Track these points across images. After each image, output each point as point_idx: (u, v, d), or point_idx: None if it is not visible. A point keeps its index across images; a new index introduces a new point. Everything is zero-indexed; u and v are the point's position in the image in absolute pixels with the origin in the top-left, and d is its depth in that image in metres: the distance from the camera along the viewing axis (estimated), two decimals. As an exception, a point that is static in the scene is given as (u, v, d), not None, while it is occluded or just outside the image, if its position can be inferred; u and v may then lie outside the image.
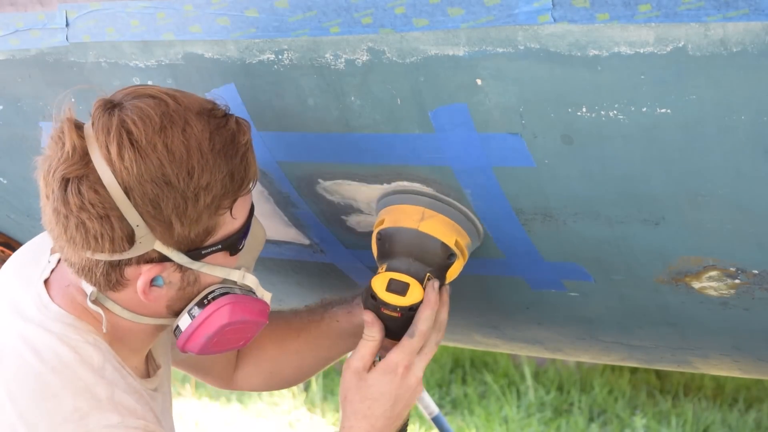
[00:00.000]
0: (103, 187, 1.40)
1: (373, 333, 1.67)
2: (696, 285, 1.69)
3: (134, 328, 1.55)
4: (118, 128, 1.41)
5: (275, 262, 2.12)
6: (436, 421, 3.26)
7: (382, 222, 1.73)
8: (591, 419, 4.51)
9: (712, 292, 1.70)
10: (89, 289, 1.50)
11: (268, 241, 2.04)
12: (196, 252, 1.48)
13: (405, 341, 1.66)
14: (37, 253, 1.64)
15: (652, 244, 1.62)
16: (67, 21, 1.70)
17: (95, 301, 1.52)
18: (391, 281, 1.67)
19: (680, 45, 1.29)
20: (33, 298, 1.56)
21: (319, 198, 1.82)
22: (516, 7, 1.35)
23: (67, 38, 1.71)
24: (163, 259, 1.46)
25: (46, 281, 1.57)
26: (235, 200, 1.48)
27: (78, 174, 1.41)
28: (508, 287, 1.91)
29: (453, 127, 1.53)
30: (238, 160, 1.46)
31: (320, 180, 1.77)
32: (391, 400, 1.64)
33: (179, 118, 1.43)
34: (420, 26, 1.42)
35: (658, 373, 4.74)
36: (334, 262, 2.06)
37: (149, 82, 1.70)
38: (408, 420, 1.71)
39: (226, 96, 1.65)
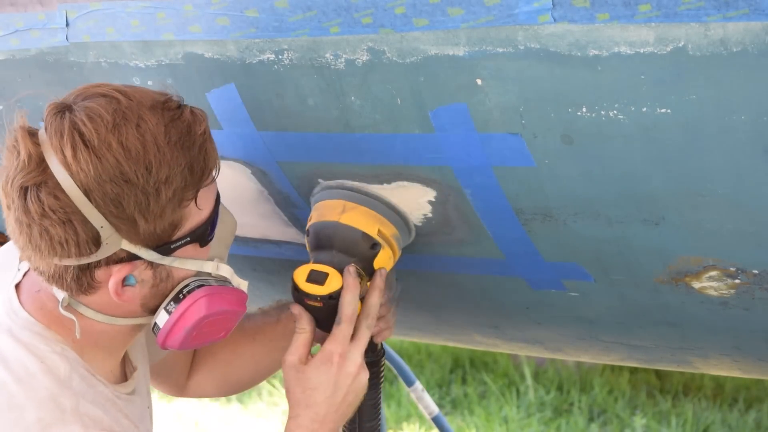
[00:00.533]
0: (63, 191, 1.39)
1: (302, 325, 1.68)
2: (696, 285, 1.69)
3: (109, 330, 1.53)
4: (70, 130, 1.39)
5: (275, 262, 2.12)
6: (436, 421, 3.26)
7: (311, 218, 1.76)
8: (591, 419, 4.51)
9: (712, 292, 1.70)
10: (60, 295, 1.49)
11: (268, 241, 2.04)
12: (164, 247, 1.47)
13: (335, 329, 1.67)
14: (10, 258, 1.62)
15: (652, 244, 1.62)
16: (67, 21, 1.70)
17: (67, 307, 1.50)
18: (311, 272, 1.69)
19: (680, 45, 1.29)
20: (3, 303, 1.54)
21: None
22: (516, 7, 1.35)
23: (67, 38, 1.71)
24: (132, 257, 1.45)
25: (17, 286, 1.56)
26: (197, 191, 1.46)
27: (36, 181, 1.40)
28: (508, 287, 1.91)
29: (453, 127, 1.53)
30: (196, 150, 1.45)
31: (320, 180, 1.77)
32: (331, 387, 1.64)
33: (132, 114, 1.41)
34: (420, 26, 1.42)
35: (658, 373, 4.74)
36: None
37: (149, 83, 1.70)
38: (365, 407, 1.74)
39: (226, 96, 1.65)
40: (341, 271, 1.69)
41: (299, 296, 1.69)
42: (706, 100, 1.34)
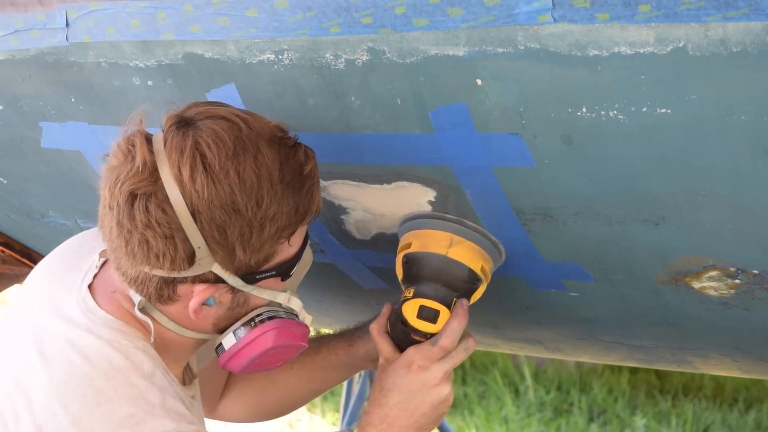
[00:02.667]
0: (171, 206, 1.40)
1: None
2: (696, 285, 1.69)
3: (178, 339, 1.55)
4: (192, 150, 1.40)
5: (275, 262, 2.12)
6: (436, 421, 3.25)
7: (409, 245, 1.75)
8: (591, 419, 4.51)
9: (712, 292, 1.70)
10: (137, 298, 1.50)
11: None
12: (251, 276, 1.48)
13: (425, 345, 1.68)
14: (75, 259, 1.63)
15: (652, 244, 1.62)
16: (67, 21, 1.70)
17: (142, 310, 1.51)
18: (422, 308, 1.70)
19: (680, 45, 1.29)
20: (78, 303, 1.54)
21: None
22: (516, 7, 1.35)
23: (67, 38, 1.71)
24: (218, 280, 1.46)
25: (89, 286, 1.56)
26: (295, 230, 1.48)
27: (147, 191, 1.40)
28: (508, 287, 1.91)
29: (453, 127, 1.53)
30: (305, 192, 1.47)
31: (320, 180, 1.77)
32: (404, 393, 1.65)
33: (251, 145, 1.42)
34: (420, 26, 1.42)
35: (658, 373, 4.75)
36: (335, 262, 2.06)
37: (149, 83, 1.70)
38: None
39: (226, 96, 1.65)
40: (447, 306, 1.70)
41: (406, 330, 1.70)
42: (706, 100, 1.34)
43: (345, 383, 3.77)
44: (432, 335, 1.69)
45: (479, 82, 1.44)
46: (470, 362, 5.00)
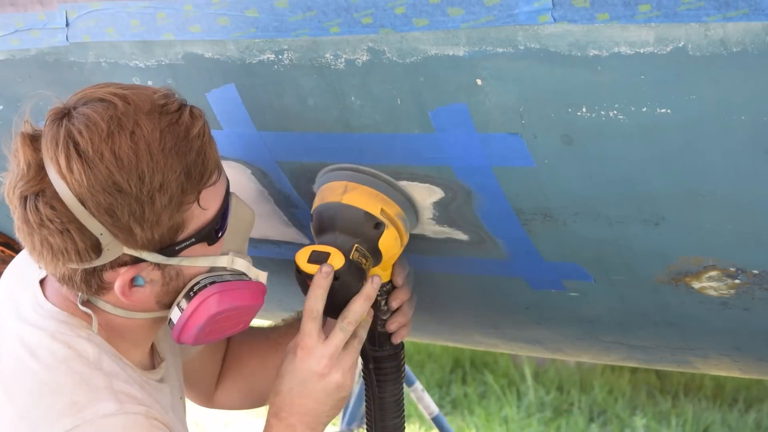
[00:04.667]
0: (60, 201, 1.39)
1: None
2: (696, 285, 1.69)
3: (130, 324, 1.55)
4: (65, 140, 1.39)
5: (275, 262, 2.12)
6: (436, 421, 3.26)
7: (314, 204, 1.73)
8: (591, 419, 4.51)
9: (712, 292, 1.70)
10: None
11: (268, 241, 2.04)
12: (169, 249, 1.46)
13: (303, 322, 1.62)
14: None
15: (652, 244, 1.62)
16: (67, 21, 1.70)
17: (86, 303, 1.51)
18: (313, 252, 1.66)
19: (680, 45, 1.29)
20: (29, 299, 1.56)
21: (319, 198, 1.82)
22: (516, 7, 1.35)
23: (67, 38, 1.71)
24: (136, 260, 1.45)
25: (42, 281, 1.58)
26: (199, 193, 1.45)
27: (34, 190, 1.40)
28: (508, 287, 1.91)
29: (453, 127, 1.53)
30: (194, 154, 1.44)
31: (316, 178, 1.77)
32: (294, 379, 1.61)
33: (128, 121, 1.40)
34: (420, 26, 1.42)
35: (658, 373, 4.75)
36: (334, 262, 2.05)
37: (149, 83, 1.70)
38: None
39: (226, 96, 1.65)
40: (345, 252, 1.65)
41: (301, 278, 1.66)
42: (706, 100, 1.34)
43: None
44: None
45: (479, 82, 1.44)
46: (470, 362, 5.00)
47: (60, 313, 1.53)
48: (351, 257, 1.66)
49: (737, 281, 1.64)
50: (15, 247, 2.51)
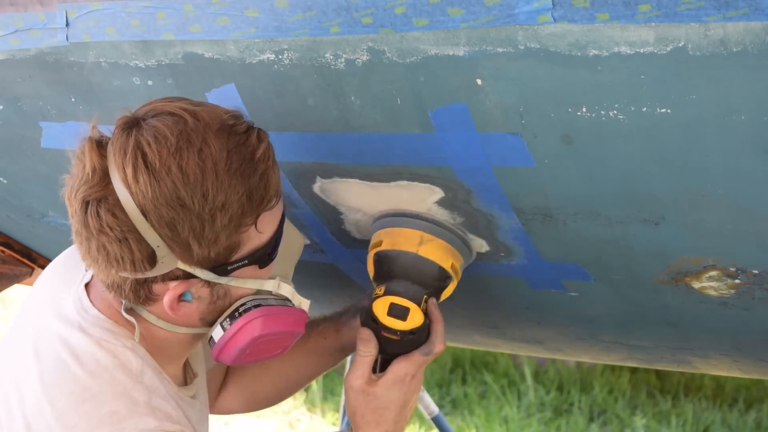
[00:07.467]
0: (122, 209, 1.39)
1: (369, 349, 1.71)
2: (696, 285, 1.69)
3: (171, 337, 1.55)
4: (133, 150, 1.39)
5: (275, 262, 2.12)
6: (436, 421, 3.26)
7: (380, 243, 1.76)
8: (591, 419, 4.51)
9: (712, 292, 1.70)
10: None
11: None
12: (222, 268, 1.47)
13: (417, 356, 1.70)
14: (77, 257, 1.63)
15: (652, 244, 1.62)
16: (67, 21, 1.70)
17: (130, 311, 1.52)
18: (392, 306, 1.71)
19: (680, 45, 1.29)
20: (74, 302, 1.56)
21: (318, 198, 1.82)
22: (516, 7, 1.35)
23: (67, 38, 1.71)
24: (188, 276, 1.45)
25: (87, 285, 1.58)
26: (257, 216, 1.46)
27: (97, 196, 1.40)
28: (508, 287, 1.91)
29: (453, 127, 1.53)
30: (257, 178, 1.44)
31: (319, 178, 1.77)
32: (401, 405, 1.69)
33: (197, 138, 1.41)
34: (420, 26, 1.42)
35: (658, 373, 4.75)
36: (334, 262, 2.06)
37: (149, 83, 1.70)
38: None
39: (226, 96, 1.65)
40: (417, 303, 1.72)
41: (377, 327, 1.71)
42: (706, 100, 1.34)
43: (345, 383, 3.76)
44: (401, 332, 1.70)
45: (479, 82, 1.44)
46: (470, 362, 5.00)
47: (105, 320, 1.53)
48: (422, 308, 1.73)
49: (737, 281, 1.64)
50: (15, 247, 2.51)
